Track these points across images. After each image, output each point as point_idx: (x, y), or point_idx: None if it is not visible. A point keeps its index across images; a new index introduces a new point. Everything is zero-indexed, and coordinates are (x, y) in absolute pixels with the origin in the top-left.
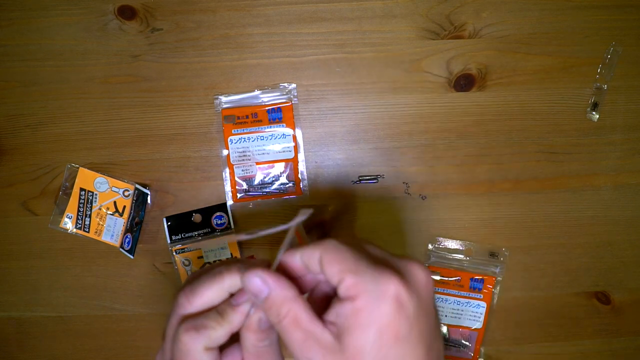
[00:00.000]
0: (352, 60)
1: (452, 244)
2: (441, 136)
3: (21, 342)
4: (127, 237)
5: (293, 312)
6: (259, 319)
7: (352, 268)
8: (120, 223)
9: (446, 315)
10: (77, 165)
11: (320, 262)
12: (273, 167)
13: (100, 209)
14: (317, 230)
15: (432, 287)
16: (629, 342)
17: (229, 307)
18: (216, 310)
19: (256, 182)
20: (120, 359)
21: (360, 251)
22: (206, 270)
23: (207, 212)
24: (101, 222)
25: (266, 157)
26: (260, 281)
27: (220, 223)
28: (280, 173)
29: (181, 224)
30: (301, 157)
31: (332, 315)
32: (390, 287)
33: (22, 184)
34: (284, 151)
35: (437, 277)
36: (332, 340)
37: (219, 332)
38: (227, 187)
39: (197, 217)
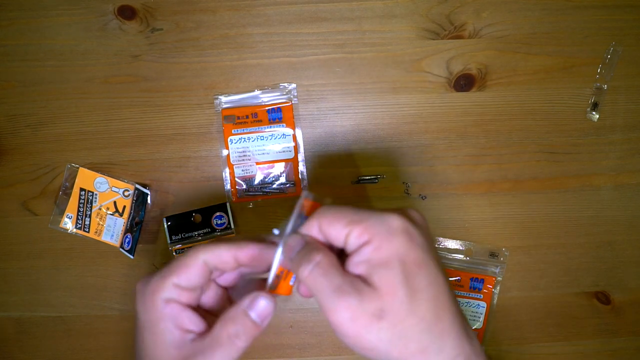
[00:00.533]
0: (352, 60)
1: (452, 244)
2: (441, 136)
3: (21, 342)
4: (127, 237)
5: (327, 258)
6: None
7: (355, 218)
8: (120, 223)
9: None
10: (77, 165)
11: (320, 228)
12: (273, 167)
13: (100, 209)
14: None
15: (427, 222)
16: (629, 342)
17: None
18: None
19: (256, 182)
20: (120, 359)
21: (352, 206)
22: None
23: (207, 212)
24: (101, 222)
25: (266, 157)
26: (299, 237)
27: (220, 223)
28: (280, 173)
29: (181, 224)
30: (301, 157)
31: (352, 268)
32: (396, 223)
33: (22, 184)
34: (284, 151)
35: None
36: (363, 285)
37: (224, 253)
38: (227, 187)
39: (197, 217)
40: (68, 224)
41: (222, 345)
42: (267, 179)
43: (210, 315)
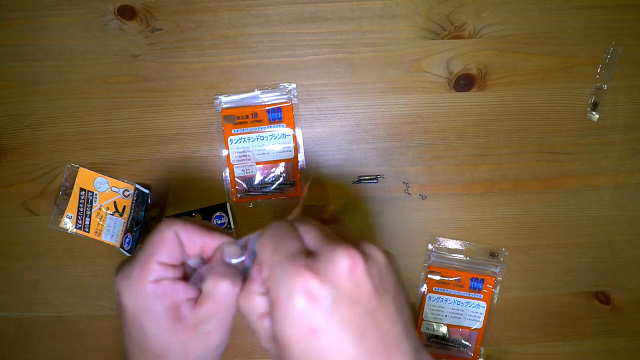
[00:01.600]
0: (352, 60)
1: (452, 244)
2: (441, 136)
3: (21, 342)
4: (127, 237)
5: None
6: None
7: (269, 260)
8: (120, 223)
9: (446, 315)
10: (77, 165)
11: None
12: (273, 167)
13: (100, 209)
14: None
15: (363, 272)
16: (629, 342)
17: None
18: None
19: (256, 182)
20: (120, 359)
21: (287, 240)
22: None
23: (207, 212)
24: (101, 222)
25: (266, 157)
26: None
27: (220, 223)
28: (280, 173)
29: None
30: (301, 157)
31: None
32: (298, 282)
33: (22, 184)
34: (284, 151)
35: (437, 277)
36: (270, 330)
37: (196, 231)
38: (227, 187)
39: (197, 217)
40: (68, 224)
41: (224, 301)
42: (267, 179)
43: None
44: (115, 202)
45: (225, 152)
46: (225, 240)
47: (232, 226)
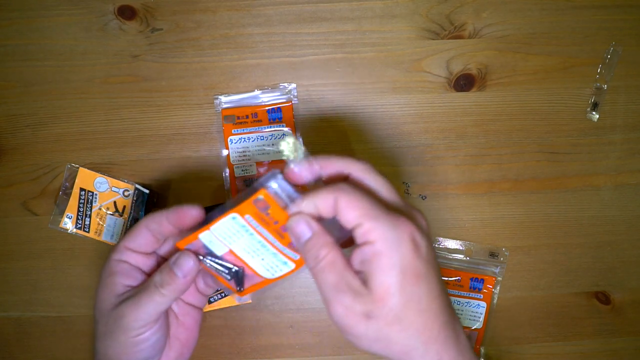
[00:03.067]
0: (352, 60)
1: (452, 244)
2: (441, 136)
3: (21, 342)
4: None
5: (331, 255)
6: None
7: (370, 213)
8: (120, 223)
9: None
10: (77, 165)
11: (335, 206)
12: (273, 167)
13: (100, 209)
14: None
15: (429, 228)
16: (629, 342)
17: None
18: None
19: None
20: None
21: (372, 196)
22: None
23: (207, 212)
24: (101, 222)
25: (266, 157)
26: (305, 225)
27: None
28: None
29: None
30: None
31: (355, 262)
32: (406, 231)
33: (22, 184)
34: None
35: None
36: (360, 285)
37: (161, 217)
38: (227, 187)
39: None
40: (68, 224)
41: (148, 290)
42: None
43: None
44: (115, 202)
45: (225, 152)
46: (185, 212)
47: None
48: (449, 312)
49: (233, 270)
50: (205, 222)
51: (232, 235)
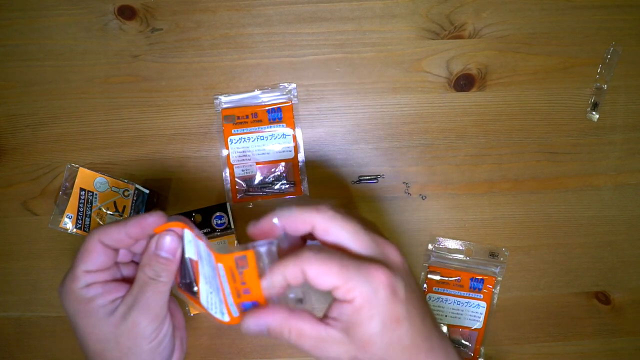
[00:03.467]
0: (352, 60)
1: (452, 244)
2: (441, 136)
3: (21, 342)
4: None
5: (295, 328)
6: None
7: (341, 274)
8: None
9: (446, 315)
10: (77, 165)
11: (304, 275)
12: (273, 167)
13: (100, 209)
14: None
15: (406, 263)
16: (629, 342)
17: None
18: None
19: (256, 182)
20: None
21: (338, 253)
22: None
23: (207, 212)
24: (101, 222)
25: (266, 157)
26: (255, 322)
27: (220, 223)
28: (281, 173)
29: None
30: (301, 157)
31: (334, 312)
32: (381, 280)
33: (22, 184)
34: (284, 151)
35: (437, 277)
36: (339, 335)
37: (114, 231)
38: (227, 187)
39: (197, 217)
40: (68, 224)
41: (147, 286)
42: (267, 179)
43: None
44: (115, 202)
45: (225, 152)
46: (151, 220)
47: (232, 226)
48: (436, 336)
49: (186, 278)
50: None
51: (204, 259)
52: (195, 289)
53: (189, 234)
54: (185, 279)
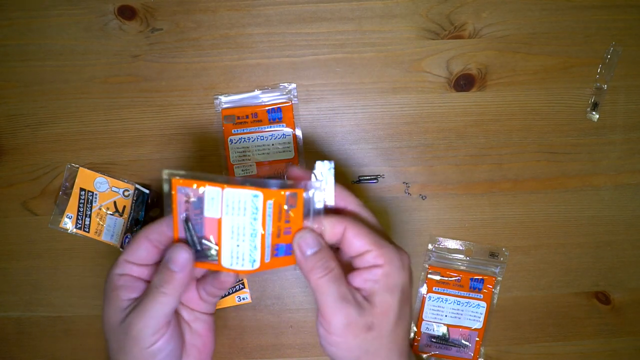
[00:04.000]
0: (352, 60)
1: (452, 244)
2: (441, 136)
3: (21, 342)
4: (127, 237)
5: (339, 269)
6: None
7: (377, 242)
8: (120, 223)
9: (446, 315)
10: (77, 165)
11: (343, 234)
12: (273, 167)
13: (100, 209)
14: None
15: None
16: (629, 342)
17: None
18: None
19: None
20: None
21: (373, 228)
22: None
23: None
24: (101, 222)
25: (266, 157)
26: (315, 239)
27: None
28: (281, 173)
29: None
30: (301, 157)
31: (357, 281)
32: (406, 260)
33: (22, 184)
34: (284, 151)
35: (437, 277)
36: (363, 299)
37: (163, 227)
38: None
39: None
40: (68, 224)
41: (150, 294)
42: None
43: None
44: (115, 202)
45: (225, 152)
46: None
47: None
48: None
49: (197, 245)
50: (216, 179)
51: (236, 209)
52: (214, 251)
53: (212, 190)
54: (196, 247)
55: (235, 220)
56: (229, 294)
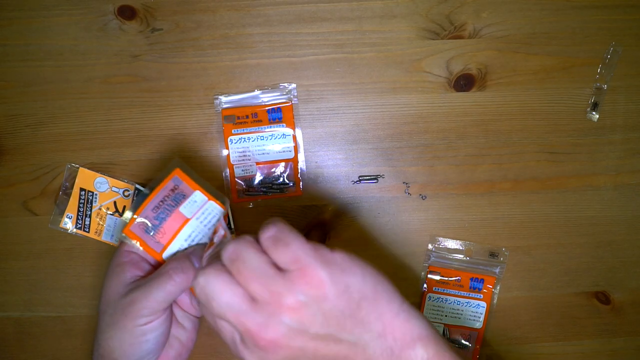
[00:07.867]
0: (352, 60)
1: (452, 244)
2: (441, 136)
3: (21, 342)
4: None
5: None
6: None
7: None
8: (120, 223)
9: (446, 315)
10: (77, 165)
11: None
12: (273, 167)
13: (100, 209)
14: (317, 230)
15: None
16: (629, 342)
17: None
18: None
19: (256, 182)
20: None
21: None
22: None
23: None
24: (101, 222)
25: (266, 157)
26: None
27: None
28: (280, 173)
29: None
30: (301, 157)
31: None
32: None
33: (22, 184)
34: (284, 151)
35: (437, 277)
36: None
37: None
38: (227, 187)
39: None
40: (68, 224)
41: (161, 277)
42: (267, 179)
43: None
44: (115, 202)
45: (225, 152)
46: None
47: (232, 226)
48: None
49: (152, 230)
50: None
51: (206, 220)
52: (163, 240)
53: (199, 195)
54: (150, 231)
55: (199, 227)
56: None
